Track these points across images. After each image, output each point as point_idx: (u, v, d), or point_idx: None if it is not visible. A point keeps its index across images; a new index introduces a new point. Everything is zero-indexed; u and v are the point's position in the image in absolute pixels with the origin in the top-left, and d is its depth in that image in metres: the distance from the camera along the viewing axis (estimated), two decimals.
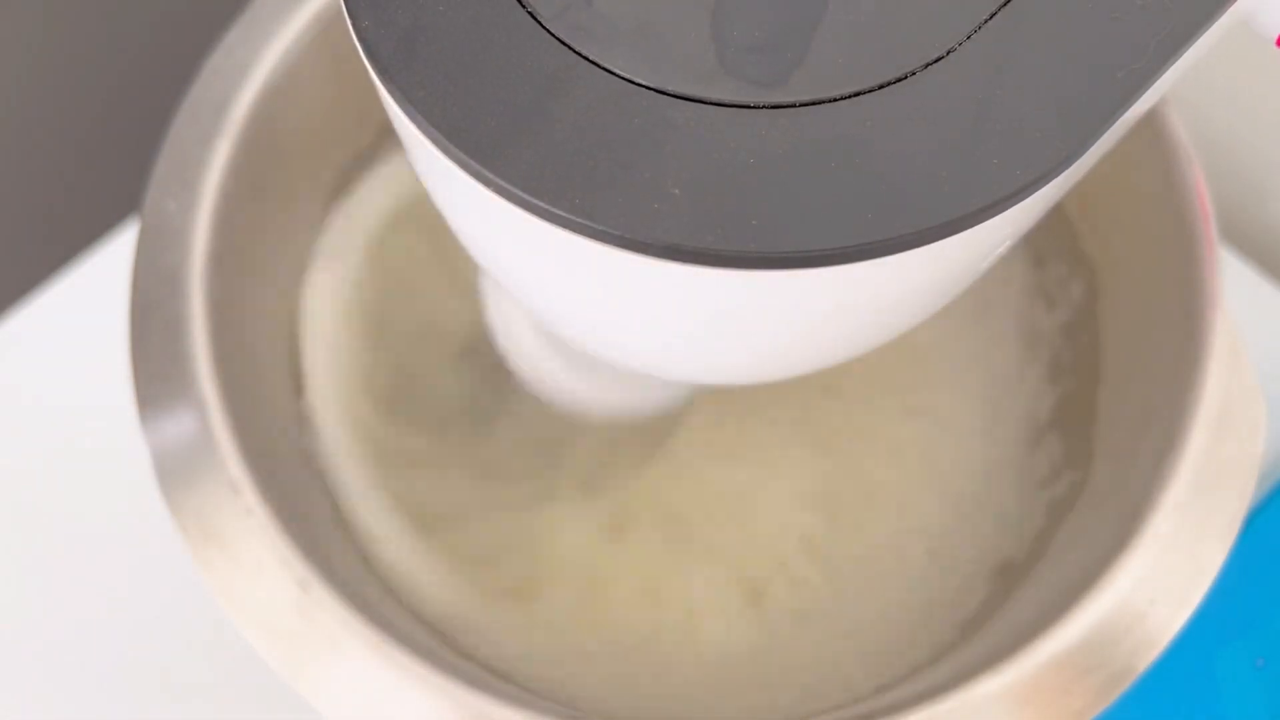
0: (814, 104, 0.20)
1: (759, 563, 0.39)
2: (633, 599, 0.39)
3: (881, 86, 0.20)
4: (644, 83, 0.20)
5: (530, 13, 0.20)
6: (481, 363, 0.41)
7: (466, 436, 0.41)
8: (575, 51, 0.20)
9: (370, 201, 0.42)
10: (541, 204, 0.19)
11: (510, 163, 0.19)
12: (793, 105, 0.20)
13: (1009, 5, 0.20)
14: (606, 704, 0.37)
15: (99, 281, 0.43)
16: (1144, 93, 0.20)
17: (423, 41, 0.20)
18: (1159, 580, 0.30)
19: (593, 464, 0.41)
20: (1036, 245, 0.40)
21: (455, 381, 0.42)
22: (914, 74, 0.20)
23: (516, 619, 0.38)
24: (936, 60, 0.20)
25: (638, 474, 0.40)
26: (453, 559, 0.39)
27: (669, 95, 0.20)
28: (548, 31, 0.20)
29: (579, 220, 0.19)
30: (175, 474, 0.31)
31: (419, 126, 0.20)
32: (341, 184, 0.41)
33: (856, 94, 0.20)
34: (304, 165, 0.39)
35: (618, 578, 0.39)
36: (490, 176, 0.19)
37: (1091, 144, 0.20)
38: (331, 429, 0.39)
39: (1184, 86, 0.40)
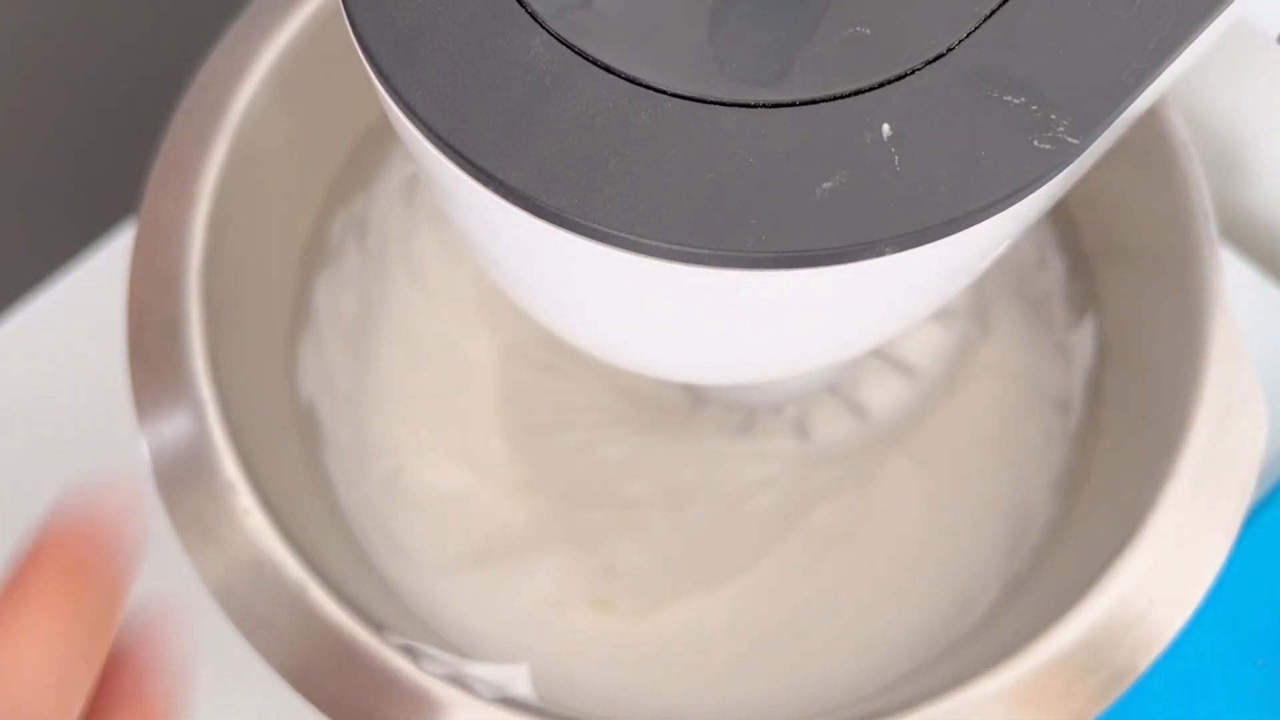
0: (813, 102, 0.19)
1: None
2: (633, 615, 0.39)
3: (881, 85, 0.20)
4: (643, 82, 0.20)
5: (530, 12, 0.20)
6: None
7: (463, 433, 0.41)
8: (575, 50, 0.20)
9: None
10: (541, 203, 0.19)
11: (509, 162, 0.19)
12: (792, 104, 0.19)
13: (1007, 4, 0.20)
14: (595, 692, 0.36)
15: (97, 283, 0.43)
16: (1143, 91, 0.20)
17: (421, 41, 0.20)
18: (1159, 580, 0.30)
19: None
20: (1038, 245, 0.40)
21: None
22: (913, 72, 0.20)
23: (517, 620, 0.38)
24: (936, 59, 0.20)
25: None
26: (451, 559, 0.39)
27: (668, 94, 0.20)
28: (547, 31, 0.20)
29: (578, 220, 0.19)
30: (172, 474, 0.31)
31: (418, 127, 0.20)
32: (339, 185, 0.40)
33: (856, 92, 0.20)
34: (301, 166, 0.39)
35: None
36: (489, 176, 0.19)
37: (1090, 143, 0.20)
38: (330, 428, 0.39)
39: (1184, 86, 0.40)
